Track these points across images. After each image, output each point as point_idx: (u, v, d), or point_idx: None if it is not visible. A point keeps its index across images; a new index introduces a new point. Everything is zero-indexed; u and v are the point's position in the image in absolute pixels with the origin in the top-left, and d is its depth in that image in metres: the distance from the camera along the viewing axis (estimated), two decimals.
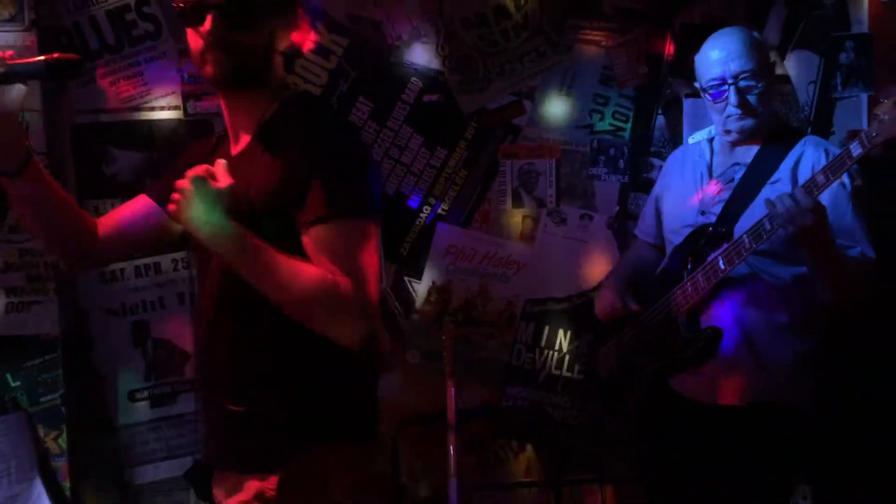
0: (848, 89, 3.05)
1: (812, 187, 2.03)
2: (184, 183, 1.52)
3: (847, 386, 2.69)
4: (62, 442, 2.89)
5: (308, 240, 1.52)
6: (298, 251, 1.53)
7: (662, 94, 3.11)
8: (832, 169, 2.02)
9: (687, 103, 3.05)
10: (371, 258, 1.53)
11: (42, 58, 1.55)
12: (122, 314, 3.00)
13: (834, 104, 3.07)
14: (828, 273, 2.13)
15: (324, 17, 3.03)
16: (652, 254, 2.60)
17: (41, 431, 2.88)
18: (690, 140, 2.52)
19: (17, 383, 2.87)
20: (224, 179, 1.53)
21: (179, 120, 2.98)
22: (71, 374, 2.91)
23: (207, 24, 1.57)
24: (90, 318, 3.00)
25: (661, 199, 2.56)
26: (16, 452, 2.84)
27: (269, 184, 1.55)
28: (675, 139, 3.09)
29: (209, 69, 1.59)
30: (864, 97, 3.04)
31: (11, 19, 2.82)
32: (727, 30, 2.32)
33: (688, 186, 2.42)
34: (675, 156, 2.61)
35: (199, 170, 1.53)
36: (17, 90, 1.57)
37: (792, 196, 2.01)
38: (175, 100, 2.98)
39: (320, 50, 3.03)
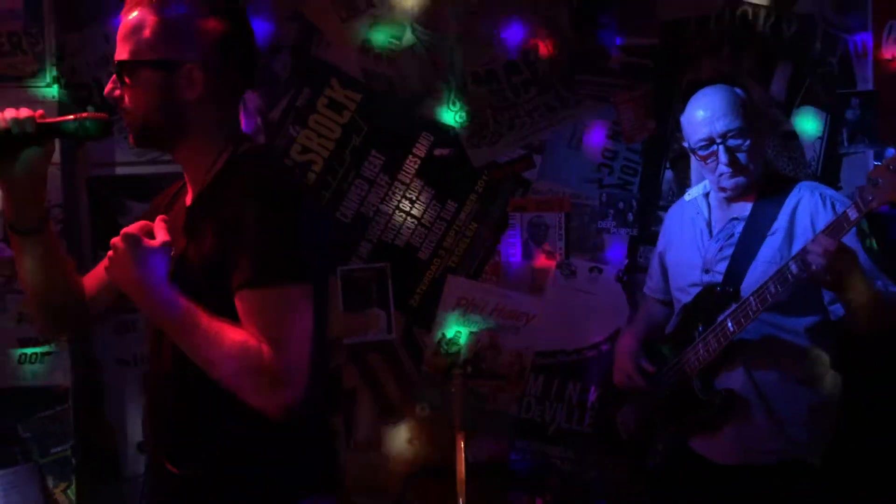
0: (854, 145, 3.08)
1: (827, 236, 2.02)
2: (116, 240, 1.51)
3: (868, 435, 2.65)
4: (71, 493, 2.88)
5: (238, 305, 1.48)
6: (234, 315, 1.49)
7: (670, 148, 3.14)
8: (832, 232, 2.02)
9: (694, 158, 3.07)
10: (300, 325, 1.49)
11: (72, 116, 1.57)
12: (133, 364, 3.01)
13: (840, 160, 3.10)
14: (866, 310, 2.09)
15: (338, 73, 3.09)
16: (663, 311, 2.60)
17: (51, 483, 2.88)
18: (686, 197, 2.54)
19: (28, 434, 2.87)
20: (161, 236, 1.52)
21: None
22: (81, 425, 2.92)
23: (108, 85, 1.59)
24: (102, 368, 3.01)
25: (665, 256, 2.57)
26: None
27: (205, 246, 1.53)
28: (683, 193, 3.11)
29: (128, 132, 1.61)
30: (871, 153, 3.07)
31: (34, 76, 2.89)
32: (710, 89, 2.32)
33: (689, 244, 2.43)
34: (674, 212, 2.62)
35: (133, 227, 1.52)
36: (46, 148, 1.60)
37: (815, 242, 2.00)
38: None
39: (334, 105, 3.09)
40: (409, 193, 3.13)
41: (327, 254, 1.64)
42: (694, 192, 2.50)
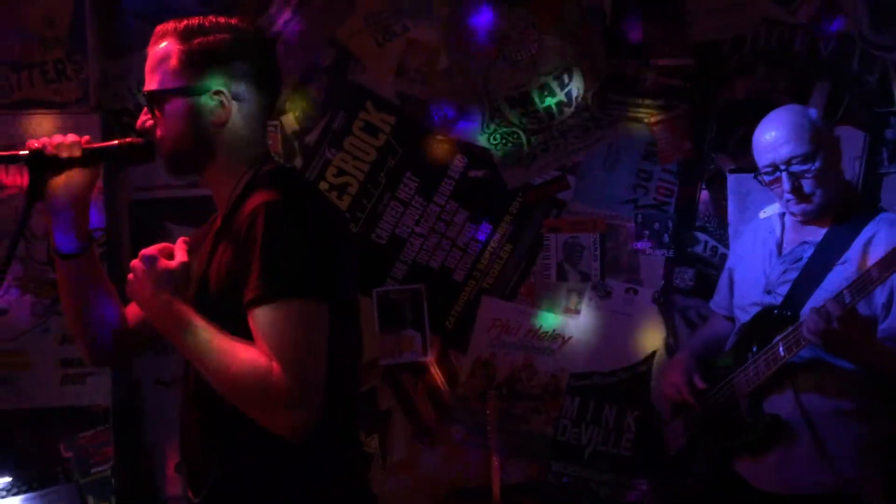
0: (894, 164, 3.04)
1: (845, 296, 1.99)
2: (135, 262, 1.54)
3: None
4: None
5: (250, 323, 1.45)
6: (251, 336, 1.46)
7: (706, 169, 3.12)
8: (885, 265, 1.96)
9: (731, 179, 3.06)
10: (312, 343, 1.44)
11: (117, 142, 1.63)
12: (173, 386, 3.04)
13: (881, 179, 3.06)
14: (883, 373, 2.07)
15: (373, 97, 3.13)
16: (727, 327, 2.52)
17: (90, 503, 2.91)
18: (762, 214, 2.48)
19: (70, 454, 2.91)
20: (179, 257, 1.55)
21: None
22: (121, 445, 2.96)
23: (140, 118, 1.62)
24: (142, 389, 3.05)
25: (734, 272, 2.53)
26: None
27: (223, 266, 1.53)
28: (719, 214, 3.10)
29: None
30: None
31: (77, 102, 2.96)
32: (778, 112, 2.28)
33: (756, 263, 2.38)
34: (749, 228, 2.57)
35: (151, 249, 1.55)
36: (92, 173, 1.64)
37: (819, 311, 1.98)
38: None
39: (369, 128, 3.12)
40: (444, 215, 3.14)
41: (352, 273, 1.60)
42: (769, 211, 2.45)
